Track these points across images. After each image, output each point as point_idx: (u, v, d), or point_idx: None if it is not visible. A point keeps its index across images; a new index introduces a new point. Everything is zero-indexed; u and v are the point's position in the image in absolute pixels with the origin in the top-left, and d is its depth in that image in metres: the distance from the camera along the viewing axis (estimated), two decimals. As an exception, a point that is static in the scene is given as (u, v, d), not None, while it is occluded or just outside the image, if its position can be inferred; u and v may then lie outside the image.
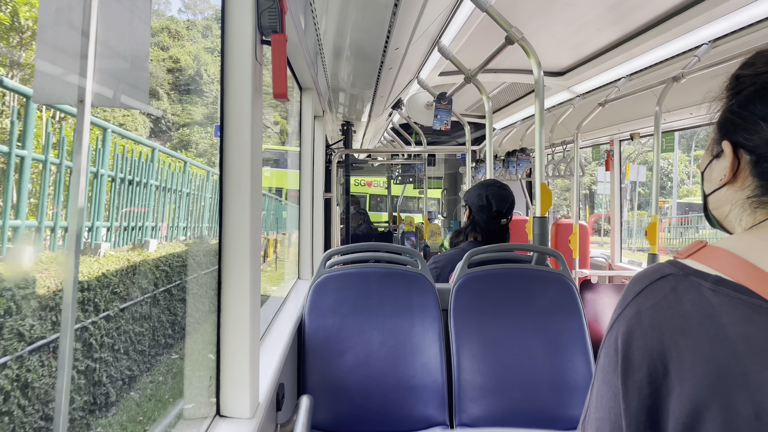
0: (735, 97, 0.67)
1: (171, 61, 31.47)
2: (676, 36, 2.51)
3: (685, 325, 0.56)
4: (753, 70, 0.65)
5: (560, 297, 2.07)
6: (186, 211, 6.36)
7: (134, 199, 5.01)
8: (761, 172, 0.64)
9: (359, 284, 2.09)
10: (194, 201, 6.74)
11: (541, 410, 1.94)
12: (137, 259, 4.65)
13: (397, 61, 2.54)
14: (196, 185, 6.92)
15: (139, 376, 4.33)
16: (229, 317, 1.12)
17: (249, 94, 1.09)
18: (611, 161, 4.94)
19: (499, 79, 3.87)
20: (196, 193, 6.84)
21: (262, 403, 1.22)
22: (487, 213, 2.37)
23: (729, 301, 0.55)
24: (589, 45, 3.04)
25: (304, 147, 3.02)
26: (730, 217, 0.69)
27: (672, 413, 0.55)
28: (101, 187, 4.39)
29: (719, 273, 0.58)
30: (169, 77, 30.67)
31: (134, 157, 5.03)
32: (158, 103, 29.27)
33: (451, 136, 7.15)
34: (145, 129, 28.47)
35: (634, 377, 0.59)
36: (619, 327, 0.62)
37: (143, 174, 5.18)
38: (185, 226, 6.34)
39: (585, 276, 4.20)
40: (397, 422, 1.96)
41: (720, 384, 0.52)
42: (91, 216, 4.21)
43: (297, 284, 2.88)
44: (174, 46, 32.60)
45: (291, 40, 1.90)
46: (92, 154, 4.20)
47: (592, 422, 0.65)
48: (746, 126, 0.64)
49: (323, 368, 1.98)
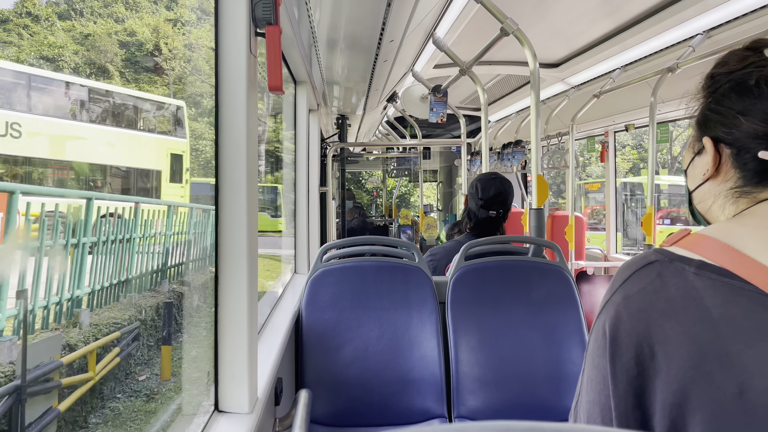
0: (712, 95, 0.70)
1: (125, 33, 28.47)
2: (671, 26, 2.51)
3: (670, 308, 0.58)
4: (727, 68, 0.68)
5: (557, 288, 2.07)
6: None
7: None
8: (743, 163, 0.66)
9: (356, 278, 2.09)
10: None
11: (539, 401, 1.94)
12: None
13: (392, 54, 2.53)
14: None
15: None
16: (227, 312, 1.11)
17: (243, 87, 1.08)
18: (606, 153, 4.94)
19: (494, 71, 3.87)
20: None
21: (261, 397, 1.22)
22: (475, 201, 2.40)
23: (712, 284, 0.57)
24: (584, 36, 3.03)
25: (299, 141, 3.00)
26: (714, 209, 0.72)
27: (659, 393, 0.57)
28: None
29: (703, 258, 0.60)
30: (122, 52, 27.84)
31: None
32: (109, 81, 26.48)
33: (446, 129, 7.15)
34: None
35: (622, 359, 0.61)
36: (608, 312, 0.64)
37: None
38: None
39: (581, 267, 4.21)
40: (396, 415, 1.96)
41: (705, 364, 0.54)
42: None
43: (294, 278, 2.88)
44: (131, 17, 29.45)
45: (285, 33, 1.88)
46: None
47: (583, 405, 0.68)
48: (725, 121, 0.67)
49: (321, 362, 1.98)
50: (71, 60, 26.06)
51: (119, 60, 27.53)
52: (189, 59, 28.77)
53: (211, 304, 1.16)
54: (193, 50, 28.77)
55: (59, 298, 4.60)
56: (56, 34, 26.47)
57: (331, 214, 4.60)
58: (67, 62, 25.74)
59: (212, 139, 1.11)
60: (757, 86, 0.64)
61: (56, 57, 25.47)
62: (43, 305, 4.37)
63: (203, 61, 28.08)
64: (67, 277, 4.77)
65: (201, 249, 8.69)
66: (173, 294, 6.88)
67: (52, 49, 25.57)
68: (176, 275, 7.46)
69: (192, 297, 7.13)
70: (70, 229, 4.84)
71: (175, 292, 6.99)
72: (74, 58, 26.31)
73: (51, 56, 25.29)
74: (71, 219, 4.93)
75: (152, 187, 12.01)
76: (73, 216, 4.94)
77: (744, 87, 0.65)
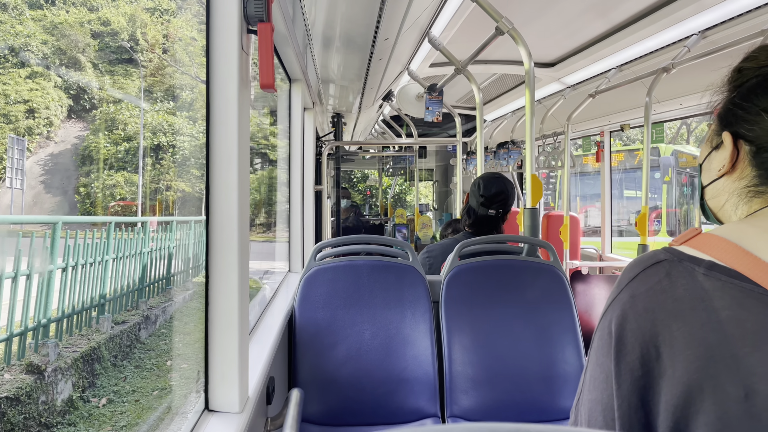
0: (737, 89, 0.67)
1: (99, 23, 27.51)
2: (666, 26, 2.51)
3: (678, 309, 0.57)
4: (756, 63, 0.66)
5: (551, 288, 2.07)
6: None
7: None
8: (761, 162, 0.65)
9: (350, 277, 2.09)
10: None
11: (532, 401, 1.94)
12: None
13: (387, 52, 2.52)
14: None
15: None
16: (217, 311, 1.10)
17: (235, 85, 1.07)
18: (602, 153, 4.94)
19: (490, 70, 3.86)
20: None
21: (252, 397, 1.21)
22: (476, 198, 2.39)
23: (721, 285, 0.56)
24: (580, 36, 3.03)
25: (293, 139, 2.99)
26: (726, 207, 0.70)
27: (663, 394, 0.56)
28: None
29: (712, 258, 0.59)
30: (95, 43, 27.01)
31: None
32: (80, 74, 26.13)
33: (441, 128, 7.14)
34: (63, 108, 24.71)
35: (627, 359, 0.60)
36: (614, 311, 0.63)
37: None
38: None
39: (576, 267, 4.21)
40: (389, 414, 1.96)
41: (711, 366, 0.53)
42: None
43: (287, 277, 2.87)
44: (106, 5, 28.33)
45: (279, 30, 1.87)
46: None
47: (585, 404, 0.67)
48: (747, 117, 0.65)
49: (314, 361, 1.97)
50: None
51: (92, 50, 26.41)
52: (167, 50, 27.87)
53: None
54: (172, 41, 27.91)
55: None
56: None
57: (326, 213, 4.59)
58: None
59: (191, 135, 1.10)
60: None
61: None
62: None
63: (183, 53, 27.29)
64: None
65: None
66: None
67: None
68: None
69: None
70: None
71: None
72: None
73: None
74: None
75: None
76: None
77: None
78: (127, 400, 5.64)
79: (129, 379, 6.03)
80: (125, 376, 6.06)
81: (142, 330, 6.94)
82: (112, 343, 6.11)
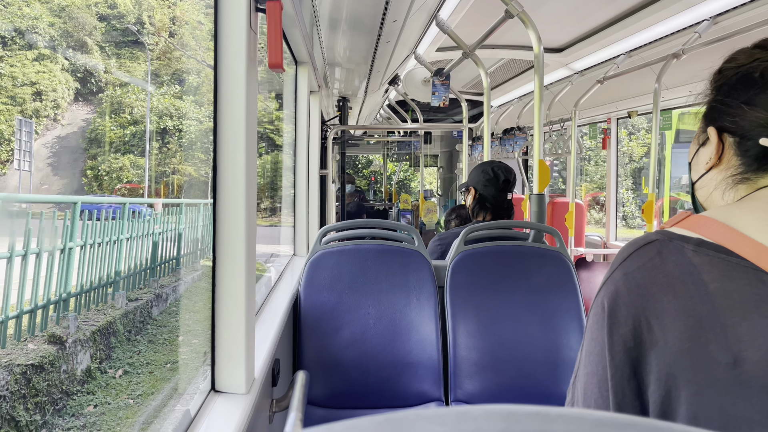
0: (719, 89, 0.73)
1: (106, 6, 27.33)
2: (677, 12, 2.47)
3: (668, 283, 0.61)
4: (735, 63, 0.71)
5: (556, 274, 2.07)
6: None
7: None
8: (744, 151, 0.70)
9: (355, 261, 2.09)
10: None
11: (536, 386, 1.95)
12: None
13: (395, 35, 2.49)
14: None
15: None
16: (224, 293, 1.10)
17: (243, 64, 1.06)
18: (608, 140, 4.91)
19: (498, 55, 3.82)
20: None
21: (258, 378, 1.22)
22: (494, 185, 2.29)
23: (710, 260, 0.60)
24: (589, 21, 2.99)
25: (299, 122, 2.98)
26: (714, 195, 0.75)
27: (655, 365, 0.60)
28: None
29: (701, 236, 0.63)
30: (102, 25, 26.77)
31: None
32: (87, 57, 26.06)
33: (447, 113, 7.10)
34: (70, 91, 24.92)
35: (620, 331, 0.64)
36: (607, 288, 0.68)
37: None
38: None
39: (580, 254, 4.20)
40: (393, 398, 1.97)
41: (700, 336, 0.57)
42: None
43: (292, 260, 2.87)
44: None
45: (286, 11, 1.85)
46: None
47: (581, 378, 0.71)
48: (730, 111, 0.70)
49: (319, 344, 1.98)
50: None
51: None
52: (173, 33, 27.60)
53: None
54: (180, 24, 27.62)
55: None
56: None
57: (331, 197, 4.58)
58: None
59: (197, 119, 1.10)
60: (762, 78, 0.67)
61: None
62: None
63: (190, 36, 27.04)
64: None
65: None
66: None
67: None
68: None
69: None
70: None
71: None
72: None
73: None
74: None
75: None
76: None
77: (750, 79, 0.68)
78: (142, 371, 5.86)
79: (143, 352, 6.24)
80: (139, 349, 6.26)
81: (154, 307, 7.12)
82: (126, 318, 6.33)
